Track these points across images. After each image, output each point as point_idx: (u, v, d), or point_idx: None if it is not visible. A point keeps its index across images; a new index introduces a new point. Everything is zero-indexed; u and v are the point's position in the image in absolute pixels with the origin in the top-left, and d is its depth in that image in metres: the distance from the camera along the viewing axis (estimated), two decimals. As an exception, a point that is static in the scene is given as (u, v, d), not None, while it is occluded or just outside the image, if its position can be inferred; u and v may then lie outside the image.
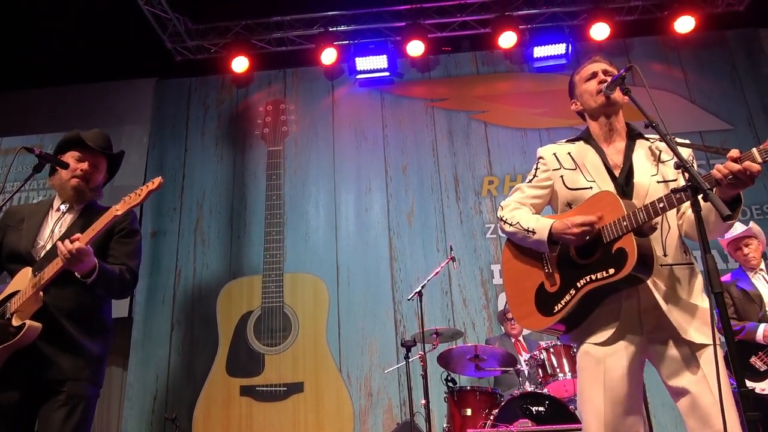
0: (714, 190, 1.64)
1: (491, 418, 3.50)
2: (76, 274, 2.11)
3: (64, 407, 2.08)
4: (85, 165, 2.36)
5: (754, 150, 1.62)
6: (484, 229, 5.65)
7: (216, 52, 6.50)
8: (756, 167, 1.61)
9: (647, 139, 2.02)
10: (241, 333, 5.45)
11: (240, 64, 6.22)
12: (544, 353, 3.82)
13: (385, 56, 6.13)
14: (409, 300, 4.44)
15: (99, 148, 2.39)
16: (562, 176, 2.03)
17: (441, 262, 4.44)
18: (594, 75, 2.05)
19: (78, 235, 2.10)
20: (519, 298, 2.01)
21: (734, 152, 1.64)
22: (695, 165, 1.83)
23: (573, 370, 3.70)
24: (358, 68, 6.21)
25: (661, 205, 1.70)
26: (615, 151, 2.00)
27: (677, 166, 1.60)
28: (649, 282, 1.78)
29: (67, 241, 2.07)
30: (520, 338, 4.74)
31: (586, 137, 2.08)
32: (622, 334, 1.82)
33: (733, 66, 6.08)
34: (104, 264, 2.20)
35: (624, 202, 1.79)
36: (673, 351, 1.78)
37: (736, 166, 1.62)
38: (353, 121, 6.23)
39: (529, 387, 3.74)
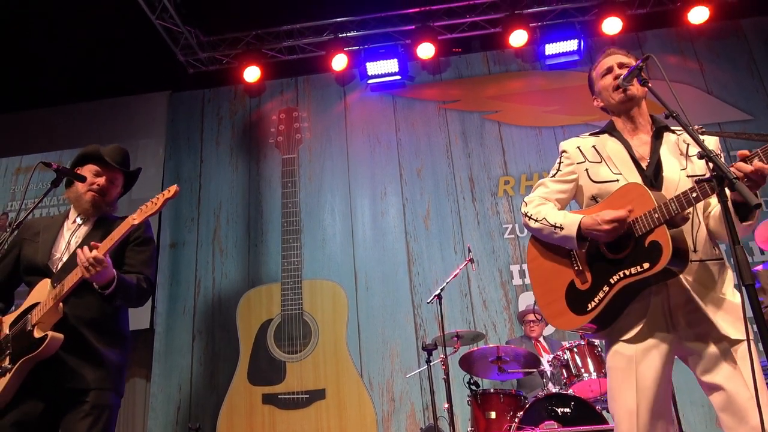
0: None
1: (516, 420, 3.46)
2: (94, 285, 2.13)
3: (88, 417, 2.10)
4: (102, 180, 2.39)
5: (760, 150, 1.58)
6: (502, 230, 5.60)
7: (228, 63, 6.56)
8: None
9: (673, 132, 1.97)
10: (261, 341, 5.46)
11: (252, 73, 6.26)
12: (568, 353, 3.76)
13: (395, 60, 6.14)
14: (428, 303, 4.41)
15: (117, 165, 2.42)
16: (587, 169, 1.99)
17: (459, 264, 4.41)
18: (609, 70, 2.01)
19: (96, 243, 2.11)
20: (549, 297, 1.96)
21: (743, 152, 1.60)
22: (722, 158, 1.76)
23: (598, 370, 3.64)
24: (369, 73, 6.22)
25: (694, 194, 1.65)
26: (640, 143, 1.96)
27: (701, 156, 1.56)
28: (681, 277, 1.74)
29: (86, 248, 2.09)
30: (541, 339, 4.67)
31: (610, 130, 2.03)
32: (650, 331, 1.77)
33: (749, 55, 5.98)
34: (122, 275, 2.21)
35: (653, 194, 1.75)
36: (706, 347, 1.73)
37: (748, 167, 1.58)
38: (366, 126, 6.23)
39: (553, 388, 3.68)
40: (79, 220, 2.40)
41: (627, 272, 1.74)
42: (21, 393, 2.10)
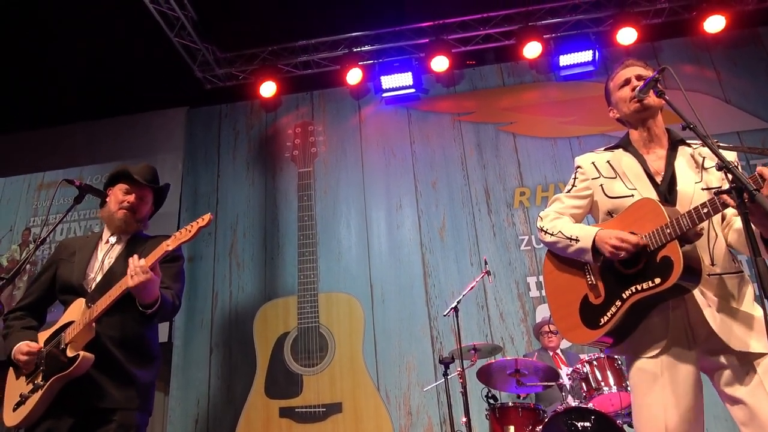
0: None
1: (535, 434, 3.42)
2: (138, 305, 2.18)
3: None
4: (131, 198, 2.47)
5: None
6: (518, 241, 5.57)
7: (244, 78, 6.65)
8: None
9: (689, 145, 1.96)
10: (278, 354, 5.48)
11: (268, 88, 6.34)
12: (588, 366, 3.71)
13: (410, 73, 6.17)
14: (445, 316, 4.38)
15: (145, 182, 2.49)
16: (601, 185, 1.99)
17: (475, 276, 4.39)
18: (627, 81, 2.02)
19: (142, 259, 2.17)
20: (563, 311, 1.97)
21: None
22: (740, 168, 1.72)
23: (618, 383, 3.59)
24: (384, 86, 6.26)
25: (705, 210, 1.64)
26: (656, 158, 1.95)
27: (719, 168, 1.54)
28: (696, 292, 1.72)
29: (135, 257, 2.15)
30: (558, 351, 4.62)
31: (625, 144, 2.04)
32: (673, 346, 1.75)
33: (768, 63, 5.92)
34: (164, 294, 2.27)
35: (666, 209, 1.74)
36: (728, 361, 1.72)
37: None
38: (381, 139, 6.26)
39: (572, 402, 3.63)
40: (112, 240, 2.47)
41: (639, 287, 1.74)
42: (52, 408, 2.16)
